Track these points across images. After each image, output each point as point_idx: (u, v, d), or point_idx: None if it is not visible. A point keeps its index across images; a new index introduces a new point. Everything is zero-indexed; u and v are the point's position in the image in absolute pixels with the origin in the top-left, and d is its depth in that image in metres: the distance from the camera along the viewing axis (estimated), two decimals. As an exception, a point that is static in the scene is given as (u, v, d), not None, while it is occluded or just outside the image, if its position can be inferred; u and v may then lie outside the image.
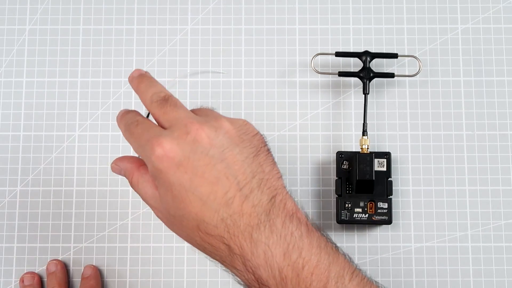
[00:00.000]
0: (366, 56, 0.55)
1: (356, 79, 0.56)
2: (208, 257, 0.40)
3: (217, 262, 0.40)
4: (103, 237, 0.55)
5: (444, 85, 0.57)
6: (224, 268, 0.40)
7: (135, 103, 0.57)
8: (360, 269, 0.40)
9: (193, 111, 0.42)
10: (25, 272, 0.54)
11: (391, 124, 0.56)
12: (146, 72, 0.45)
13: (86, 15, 0.59)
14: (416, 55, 0.57)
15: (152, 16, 0.59)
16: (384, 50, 0.57)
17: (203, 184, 0.37)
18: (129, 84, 0.45)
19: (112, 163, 0.44)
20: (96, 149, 0.57)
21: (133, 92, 0.57)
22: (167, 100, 0.41)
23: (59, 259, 0.55)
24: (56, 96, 0.57)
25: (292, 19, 0.58)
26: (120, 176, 0.55)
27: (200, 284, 0.54)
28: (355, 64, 0.57)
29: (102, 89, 0.58)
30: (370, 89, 0.55)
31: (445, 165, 0.55)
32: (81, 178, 0.56)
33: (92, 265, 0.54)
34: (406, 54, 0.57)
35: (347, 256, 0.40)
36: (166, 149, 0.37)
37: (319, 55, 0.57)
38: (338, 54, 0.56)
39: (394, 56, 0.55)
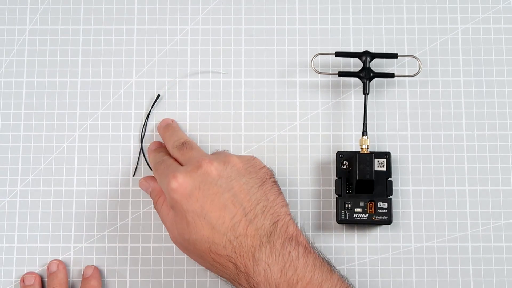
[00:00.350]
0: (366, 56, 0.55)
1: (356, 79, 0.56)
2: (220, 276, 0.45)
3: (227, 281, 0.45)
4: (103, 237, 0.55)
5: (444, 85, 0.57)
6: (233, 286, 0.45)
7: (135, 103, 0.57)
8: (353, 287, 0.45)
9: (205, 152, 0.51)
10: (25, 272, 0.54)
11: (391, 124, 0.56)
12: (172, 121, 0.55)
13: (86, 15, 0.59)
14: (416, 55, 0.57)
15: (152, 16, 0.59)
16: (384, 50, 0.58)
17: (212, 210, 0.43)
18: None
19: (142, 179, 0.53)
20: (96, 149, 0.57)
21: (133, 92, 0.57)
22: (185, 144, 0.49)
23: (59, 259, 0.55)
24: (56, 96, 0.57)
25: (292, 19, 0.58)
26: (120, 176, 0.56)
27: (200, 284, 0.54)
28: (355, 64, 0.57)
29: (102, 89, 0.58)
30: (370, 89, 0.55)
31: (445, 165, 0.55)
32: (81, 178, 0.56)
33: (93, 265, 0.54)
34: (406, 54, 0.57)
35: (342, 276, 0.45)
36: (180, 181, 0.44)
37: (319, 55, 0.57)
38: (338, 54, 0.56)
39: (394, 56, 0.55)
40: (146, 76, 0.58)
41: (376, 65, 0.57)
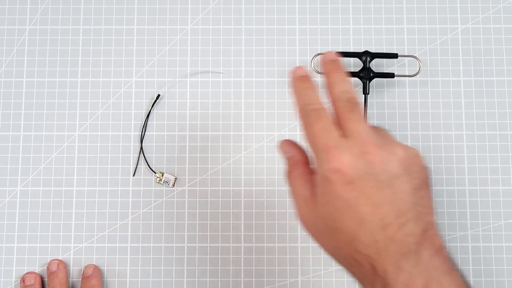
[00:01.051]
0: (366, 56, 0.55)
1: (356, 79, 0.56)
2: (347, 270, 0.41)
3: (354, 278, 0.40)
4: (103, 237, 0.55)
5: (444, 85, 0.57)
6: (360, 285, 0.40)
7: (135, 103, 0.57)
8: None
9: (370, 127, 0.42)
10: (25, 272, 0.54)
11: (391, 124, 0.56)
12: (338, 59, 0.45)
13: (86, 15, 0.59)
14: (416, 55, 0.57)
15: (152, 16, 0.59)
16: (384, 50, 0.58)
17: (366, 205, 0.38)
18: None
19: (284, 141, 0.45)
20: (96, 149, 0.57)
21: (133, 92, 0.57)
22: (354, 106, 0.42)
23: (60, 259, 0.55)
24: (56, 96, 0.57)
25: (292, 19, 0.58)
26: (120, 176, 0.55)
27: (200, 284, 0.54)
28: (355, 64, 0.57)
29: (102, 89, 0.58)
30: (370, 89, 0.55)
31: (445, 165, 0.55)
32: (81, 178, 0.56)
33: (93, 264, 0.54)
34: (406, 54, 0.57)
35: None
36: (343, 164, 0.39)
37: (319, 55, 0.57)
38: (338, 54, 0.55)
39: (394, 56, 0.55)
40: (146, 76, 0.58)
41: (376, 65, 0.57)
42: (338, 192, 0.39)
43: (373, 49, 0.57)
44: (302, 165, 0.43)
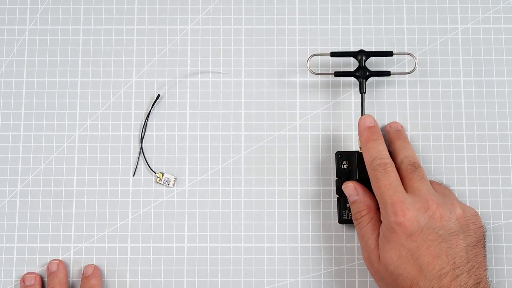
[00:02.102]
0: (361, 55, 0.55)
1: (353, 78, 0.56)
2: None
3: None
4: (103, 237, 0.55)
5: (444, 85, 0.57)
6: None
7: (135, 103, 0.57)
8: None
9: (432, 184, 0.50)
10: (25, 272, 0.54)
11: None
12: (402, 127, 0.55)
13: (86, 15, 0.59)
14: (416, 55, 0.57)
15: (152, 16, 0.59)
16: (383, 50, 0.57)
17: (426, 255, 0.44)
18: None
19: (352, 184, 0.51)
20: (96, 149, 0.57)
21: (134, 92, 0.57)
22: (417, 168, 0.49)
23: (60, 259, 0.55)
24: (56, 96, 0.57)
25: (292, 19, 0.58)
26: (120, 176, 0.56)
27: (200, 284, 0.54)
28: (355, 64, 0.57)
29: (102, 89, 0.58)
30: (370, 89, 0.55)
31: (445, 165, 0.55)
32: (81, 178, 0.56)
33: (93, 264, 0.54)
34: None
35: None
36: (407, 218, 0.45)
37: (315, 56, 0.57)
38: (333, 54, 0.56)
39: (389, 54, 0.55)
40: (146, 76, 0.58)
41: (377, 65, 0.57)
42: (402, 242, 0.45)
43: (372, 49, 0.57)
44: (374, 210, 0.49)
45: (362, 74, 0.54)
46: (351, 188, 0.51)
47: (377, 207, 0.49)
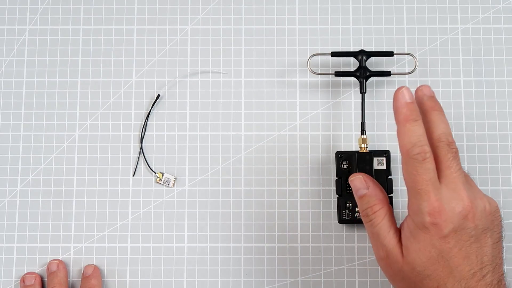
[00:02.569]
0: (361, 55, 0.55)
1: (353, 78, 0.56)
2: None
3: None
4: (103, 237, 0.55)
5: (444, 85, 0.57)
6: None
7: (135, 103, 0.57)
8: None
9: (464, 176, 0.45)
10: (25, 272, 0.54)
11: (391, 124, 0.56)
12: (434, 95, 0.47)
13: (86, 15, 0.59)
14: (416, 55, 0.57)
15: (152, 16, 0.59)
16: (383, 50, 0.58)
17: (457, 256, 0.42)
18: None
19: (362, 176, 0.46)
20: (96, 149, 0.57)
21: (133, 92, 0.57)
22: (456, 153, 0.44)
23: (60, 259, 0.55)
24: (56, 96, 0.57)
25: (292, 19, 0.58)
26: (120, 176, 0.56)
27: (200, 284, 0.54)
28: (355, 64, 0.57)
29: (102, 89, 0.58)
30: (370, 89, 0.55)
31: (445, 165, 0.55)
32: (81, 178, 0.56)
33: (93, 264, 0.54)
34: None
35: None
36: (443, 219, 0.41)
37: (315, 56, 0.57)
38: (333, 54, 0.56)
39: (389, 54, 0.55)
40: (146, 76, 0.58)
41: (377, 66, 0.57)
42: (434, 243, 0.42)
43: (372, 49, 0.57)
44: (387, 204, 0.45)
45: (362, 74, 0.54)
46: (360, 180, 0.45)
47: (388, 200, 0.46)
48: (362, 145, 0.53)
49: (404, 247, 0.43)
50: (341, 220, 0.53)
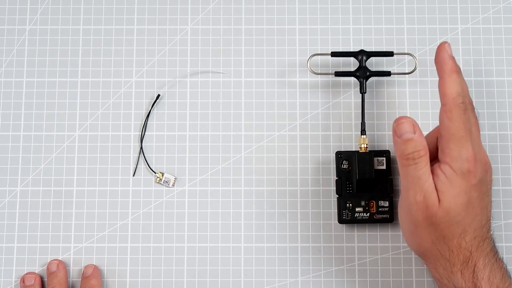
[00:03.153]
0: (361, 55, 0.55)
1: (353, 78, 0.56)
2: (432, 261, 0.47)
3: (435, 268, 0.47)
4: (103, 237, 0.55)
5: (444, 85, 0.57)
6: (438, 275, 0.47)
7: (135, 103, 0.57)
8: None
9: None
10: (25, 272, 0.54)
11: (391, 124, 0.56)
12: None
13: (86, 15, 0.59)
14: (416, 55, 0.57)
15: (152, 16, 0.59)
16: (383, 50, 0.57)
17: (478, 206, 0.45)
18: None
19: (406, 121, 0.45)
20: (96, 149, 0.57)
21: (133, 92, 0.57)
22: (477, 117, 0.47)
23: (59, 259, 0.55)
24: (56, 96, 0.57)
25: (292, 19, 0.58)
26: (120, 176, 0.56)
27: (200, 284, 0.54)
28: (355, 64, 0.57)
29: (102, 89, 0.58)
30: (370, 89, 0.55)
31: (445, 165, 0.55)
32: (81, 178, 0.56)
33: (93, 264, 0.54)
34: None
35: None
36: (476, 168, 0.44)
37: (315, 56, 0.57)
38: (333, 54, 0.56)
39: (390, 54, 0.55)
40: (146, 76, 0.58)
41: (377, 66, 0.57)
42: (467, 189, 0.44)
43: (372, 49, 0.57)
44: (428, 152, 0.46)
45: (362, 74, 0.54)
46: (408, 124, 0.45)
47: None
48: (362, 145, 0.53)
49: (440, 192, 0.45)
50: (341, 220, 0.53)
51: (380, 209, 0.53)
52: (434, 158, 0.48)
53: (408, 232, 0.48)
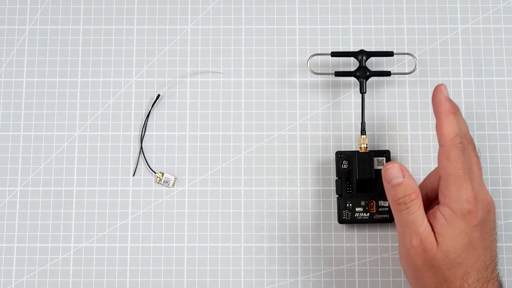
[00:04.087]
0: (361, 55, 0.55)
1: (353, 78, 0.56)
2: None
3: None
4: (103, 237, 0.55)
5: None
6: None
7: (135, 103, 0.57)
8: None
9: None
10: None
11: (391, 124, 0.56)
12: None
13: (86, 15, 0.59)
14: (416, 55, 0.57)
15: (152, 16, 0.59)
16: (383, 50, 0.58)
17: (481, 246, 0.44)
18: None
19: (393, 166, 0.45)
20: (96, 149, 0.57)
21: (133, 92, 0.57)
22: (478, 157, 0.46)
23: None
24: (56, 96, 0.57)
25: (292, 19, 0.58)
26: (120, 176, 0.56)
27: (200, 284, 0.54)
28: (355, 64, 0.57)
29: (102, 89, 0.58)
30: (370, 89, 0.55)
31: (445, 165, 0.55)
32: (81, 178, 0.56)
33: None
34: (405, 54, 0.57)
35: None
36: (477, 208, 0.44)
37: (315, 56, 0.57)
38: (333, 54, 0.56)
39: (390, 54, 0.55)
40: (146, 76, 0.58)
41: (377, 66, 0.57)
42: (467, 231, 0.44)
43: (372, 49, 0.57)
44: (420, 195, 0.45)
45: (362, 74, 0.54)
46: (396, 169, 0.45)
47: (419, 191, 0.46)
48: (362, 145, 0.53)
49: (438, 234, 0.44)
50: (341, 220, 0.53)
51: (380, 209, 0.53)
52: (436, 198, 0.47)
53: (410, 276, 0.47)
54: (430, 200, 0.49)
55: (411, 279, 0.47)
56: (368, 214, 0.53)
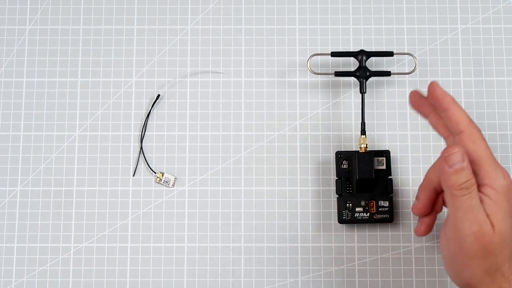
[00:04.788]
0: (361, 55, 0.55)
1: (353, 78, 0.56)
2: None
3: None
4: (103, 237, 0.55)
5: (444, 85, 0.56)
6: None
7: (135, 103, 0.57)
8: None
9: None
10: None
11: (391, 124, 0.56)
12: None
13: (86, 15, 0.59)
14: (416, 55, 0.57)
15: (152, 16, 0.59)
16: (383, 50, 0.58)
17: None
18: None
19: (461, 149, 0.43)
20: (96, 149, 0.57)
21: (133, 92, 0.57)
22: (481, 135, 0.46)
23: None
24: (56, 96, 0.57)
25: (292, 19, 0.58)
26: (120, 176, 0.56)
27: (200, 284, 0.54)
28: (355, 64, 0.56)
29: (102, 89, 0.58)
30: (370, 89, 0.55)
31: (445, 165, 0.55)
32: (81, 178, 0.56)
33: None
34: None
35: None
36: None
37: (315, 56, 0.57)
38: (333, 54, 0.56)
39: (389, 54, 0.55)
40: (146, 76, 0.58)
41: (377, 66, 0.57)
42: (510, 209, 0.43)
43: (372, 49, 0.57)
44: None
45: (362, 74, 0.54)
46: (460, 155, 0.43)
47: None
48: (362, 145, 0.53)
49: (493, 217, 0.43)
50: (341, 220, 0.53)
51: (380, 209, 0.53)
52: (442, 191, 0.47)
53: (460, 265, 0.45)
54: (437, 194, 0.48)
55: (457, 270, 0.45)
56: (368, 214, 0.53)
